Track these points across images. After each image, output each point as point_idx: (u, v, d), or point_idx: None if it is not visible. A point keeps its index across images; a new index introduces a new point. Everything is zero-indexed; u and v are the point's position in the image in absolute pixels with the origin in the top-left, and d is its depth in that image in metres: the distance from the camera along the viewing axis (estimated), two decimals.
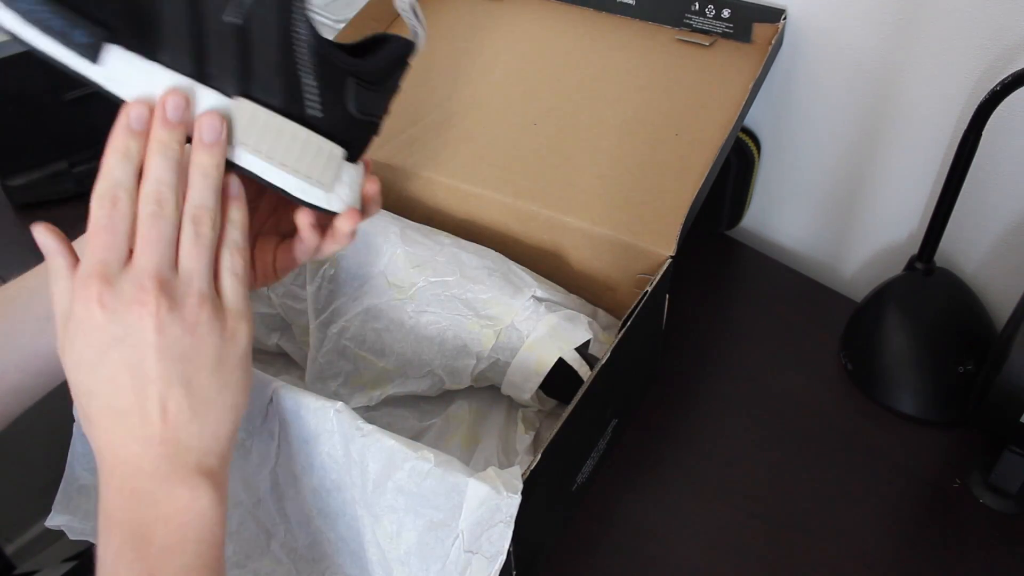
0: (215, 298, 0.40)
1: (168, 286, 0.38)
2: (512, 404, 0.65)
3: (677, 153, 0.66)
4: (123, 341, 0.37)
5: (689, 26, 0.75)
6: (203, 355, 0.39)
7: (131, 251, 0.38)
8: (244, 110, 0.41)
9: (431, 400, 0.65)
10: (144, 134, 0.39)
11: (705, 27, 0.74)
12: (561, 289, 0.65)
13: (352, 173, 0.45)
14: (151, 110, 0.39)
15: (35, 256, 0.44)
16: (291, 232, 0.48)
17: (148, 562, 0.37)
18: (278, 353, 0.69)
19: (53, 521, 0.57)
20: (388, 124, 0.47)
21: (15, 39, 0.38)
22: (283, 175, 0.42)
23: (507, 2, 0.81)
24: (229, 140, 0.41)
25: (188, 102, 0.39)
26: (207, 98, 0.40)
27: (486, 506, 0.43)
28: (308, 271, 0.66)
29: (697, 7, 0.74)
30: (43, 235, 0.41)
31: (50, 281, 0.40)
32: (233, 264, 0.41)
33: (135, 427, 0.38)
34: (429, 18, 0.81)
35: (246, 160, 0.41)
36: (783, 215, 0.84)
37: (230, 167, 0.41)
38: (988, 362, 0.58)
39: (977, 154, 0.60)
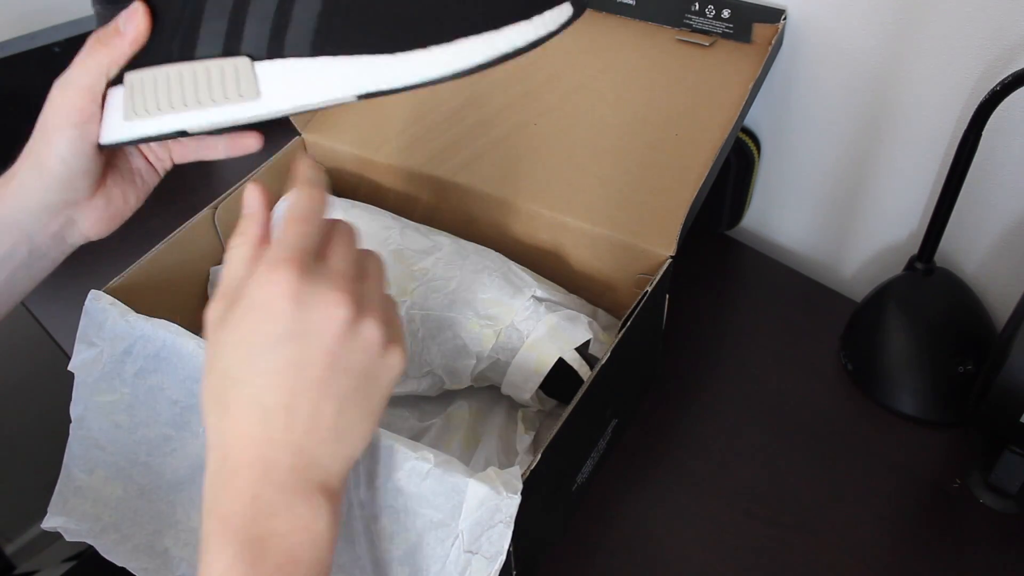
0: (389, 327, 0.39)
1: (359, 297, 0.37)
2: (512, 404, 0.65)
3: (677, 153, 0.66)
4: (299, 338, 0.36)
5: (689, 26, 0.75)
6: (366, 376, 0.38)
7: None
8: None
9: (431, 400, 0.65)
10: (320, 203, 0.40)
11: (705, 27, 0.74)
12: (561, 289, 0.65)
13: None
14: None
15: None
16: None
17: None
18: None
19: (49, 523, 0.57)
20: (389, 125, 0.47)
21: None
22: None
23: None
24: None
25: None
26: None
27: (486, 506, 0.43)
28: None
29: (697, 7, 0.74)
30: (252, 195, 0.40)
31: (232, 244, 0.39)
32: (395, 303, 0.42)
33: (275, 429, 0.36)
34: None
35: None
36: (783, 215, 0.84)
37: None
38: (988, 362, 0.58)
39: (977, 154, 0.60)
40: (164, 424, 0.53)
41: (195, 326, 0.67)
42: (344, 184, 0.74)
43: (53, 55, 0.83)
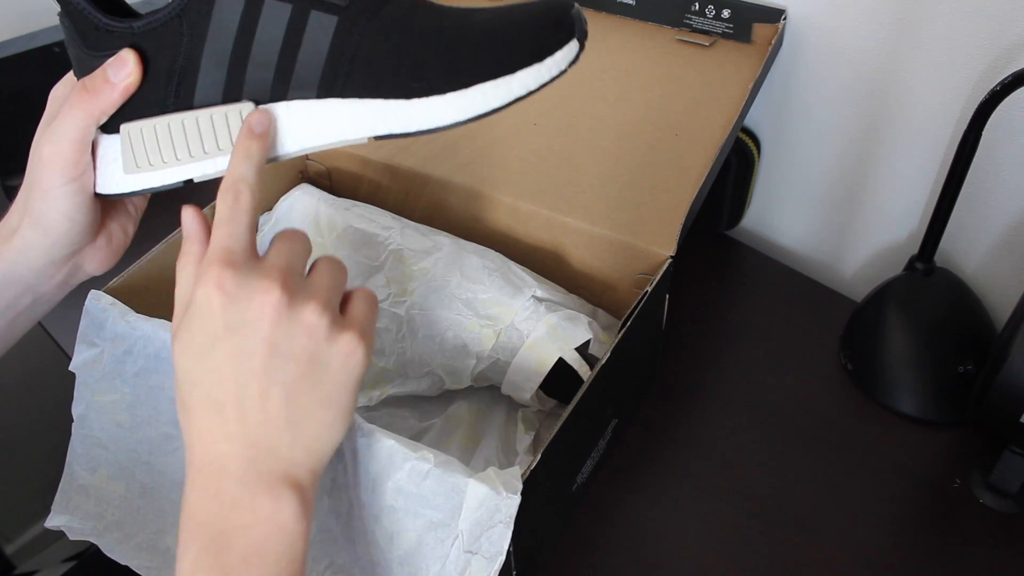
0: (338, 314, 0.39)
1: (293, 285, 0.37)
2: (512, 404, 0.65)
3: (677, 153, 0.66)
4: (236, 330, 0.36)
5: (689, 26, 0.75)
6: (313, 362, 0.37)
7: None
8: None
9: (431, 400, 0.65)
10: (264, 136, 0.40)
11: (705, 27, 0.74)
12: (561, 289, 0.65)
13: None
14: (269, 118, 0.40)
15: None
16: None
17: (225, 571, 0.35)
18: None
19: (52, 521, 0.57)
20: None
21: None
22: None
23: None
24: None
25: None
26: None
27: (486, 506, 0.43)
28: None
29: (697, 7, 0.74)
30: (188, 217, 0.40)
31: (179, 265, 0.40)
32: (366, 293, 0.41)
33: (229, 423, 0.37)
34: None
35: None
36: (783, 215, 0.84)
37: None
38: (988, 362, 0.58)
39: (977, 154, 0.60)
40: (165, 423, 0.53)
41: None
42: (344, 184, 0.74)
43: (53, 55, 0.83)
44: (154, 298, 0.59)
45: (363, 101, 0.41)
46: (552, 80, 0.41)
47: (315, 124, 0.42)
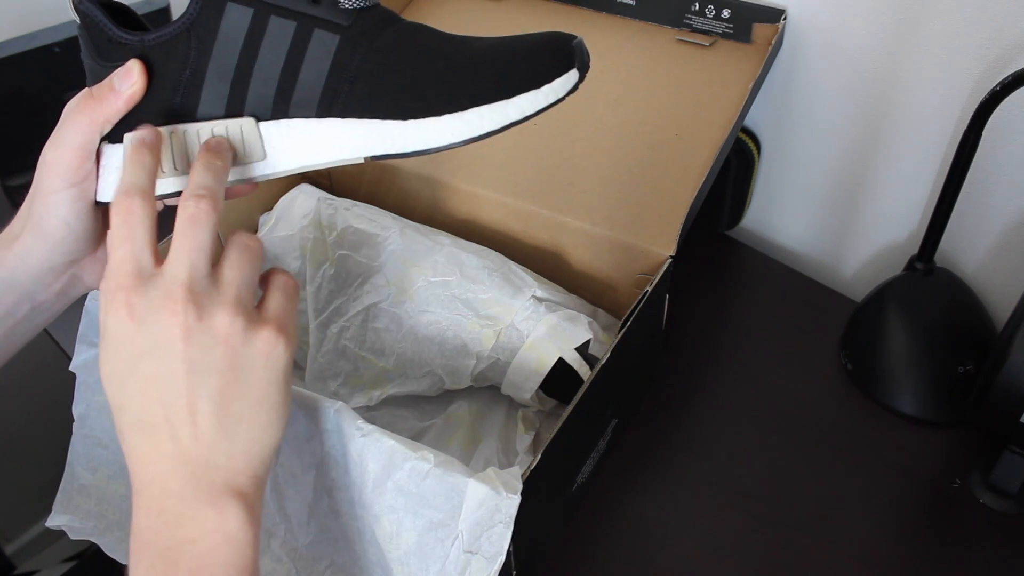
0: (252, 310, 0.38)
1: (199, 295, 0.37)
2: (512, 404, 0.65)
3: (677, 153, 0.66)
4: (151, 352, 0.36)
5: (689, 26, 0.75)
6: (235, 368, 0.37)
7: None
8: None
9: (431, 400, 0.65)
10: (156, 145, 0.40)
11: (705, 27, 0.74)
12: (561, 289, 0.65)
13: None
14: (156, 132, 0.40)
15: None
16: None
17: None
18: None
19: (54, 521, 0.57)
20: None
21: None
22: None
23: (507, 2, 0.81)
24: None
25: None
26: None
27: (486, 506, 0.43)
28: (308, 271, 0.66)
29: (697, 7, 0.74)
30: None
31: (100, 290, 0.39)
32: (283, 281, 0.40)
33: (162, 443, 0.37)
34: (429, 18, 0.81)
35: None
36: (783, 215, 0.84)
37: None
38: (988, 362, 0.58)
39: (977, 154, 0.60)
40: None
41: None
42: (344, 184, 0.74)
43: (53, 55, 0.83)
44: None
45: (361, 121, 0.41)
46: (549, 107, 0.41)
47: (314, 143, 0.42)
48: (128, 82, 0.42)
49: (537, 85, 0.40)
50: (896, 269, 0.70)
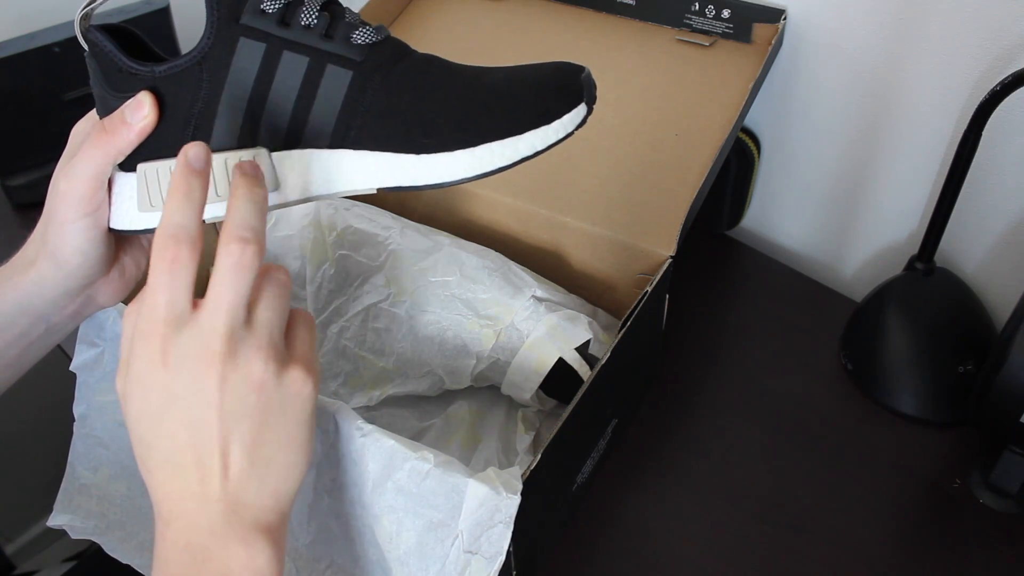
0: (283, 350, 0.38)
1: (236, 343, 0.36)
2: (512, 404, 0.65)
3: (677, 153, 0.66)
4: (185, 399, 0.36)
5: (689, 26, 0.75)
6: (267, 413, 0.37)
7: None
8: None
9: (431, 400, 0.65)
10: (205, 172, 0.38)
11: (705, 27, 0.74)
12: (561, 289, 0.65)
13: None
14: (207, 150, 0.39)
15: None
16: None
17: None
18: None
19: (55, 520, 0.57)
20: None
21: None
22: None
23: (507, 2, 0.81)
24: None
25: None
26: None
27: (486, 507, 0.43)
28: (308, 271, 0.66)
29: (697, 7, 0.74)
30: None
31: (127, 311, 0.38)
32: (305, 318, 0.40)
33: (193, 484, 0.37)
34: (429, 18, 0.81)
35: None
36: (783, 215, 0.84)
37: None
38: (988, 362, 0.58)
39: (977, 154, 0.60)
40: None
41: None
42: None
43: (53, 55, 0.83)
44: None
45: (373, 154, 0.42)
46: (559, 141, 0.42)
47: (326, 173, 0.43)
48: (140, 115, 0.42)
49: (547, 121, 0.41)
50: (896, 269, 0.70)
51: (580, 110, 0.41)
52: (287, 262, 0.66)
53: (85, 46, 0.43)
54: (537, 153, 0.41)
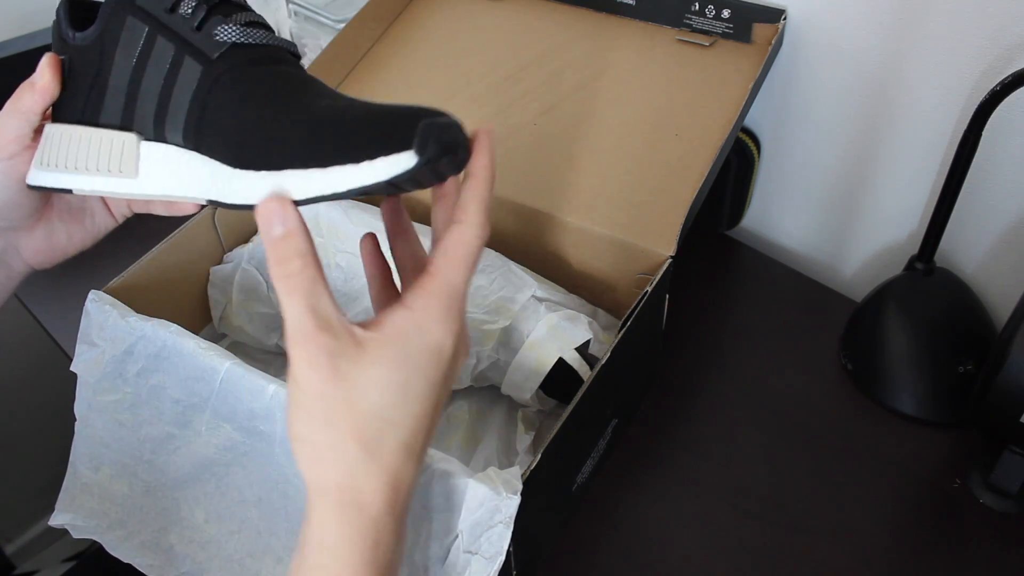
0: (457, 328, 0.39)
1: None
2: (512, 404, 0.65)
3: (677, 153, 0.66)
4: (447, 382, 0.37)
5: (689, 26, 0.75)
6: (444, 394, 0.39)
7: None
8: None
9: None
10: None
11: (705, 27, 0.74)
12: (561, 289, 0.65)
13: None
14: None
15: None
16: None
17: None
18: (278, 353, 0.69)
19: (57, 520, 0.57)
20: None
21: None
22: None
23: (507, 2, 0.81)
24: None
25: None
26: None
27: (486, 507, 0.43)
28: None
29: (697, 7, 0.74)
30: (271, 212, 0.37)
31: (283, 289, 0.37)
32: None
33: (409, 475, 0.37)
34: (429, 18, 0.81)
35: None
36: (783, 215, 0.84)
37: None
38: (988, 362, 0.58)
39: (977, 154, 0.60)
40: (167, 423, 0.53)
41: (195, 326, 0.67)
42: None
43: None
44: (154, 298, 0.59)
45: (207, 161, 0.40)
46: (373, 186, 0.35)
47: (177, 173, 0.42)
48: (40, 76, 0.45)
49: (356, 160, 0.35)
50: (896, 269, 0.70)
51: (403, 157, 0.34)
52: None
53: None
54: (337, 195, 0.36)
